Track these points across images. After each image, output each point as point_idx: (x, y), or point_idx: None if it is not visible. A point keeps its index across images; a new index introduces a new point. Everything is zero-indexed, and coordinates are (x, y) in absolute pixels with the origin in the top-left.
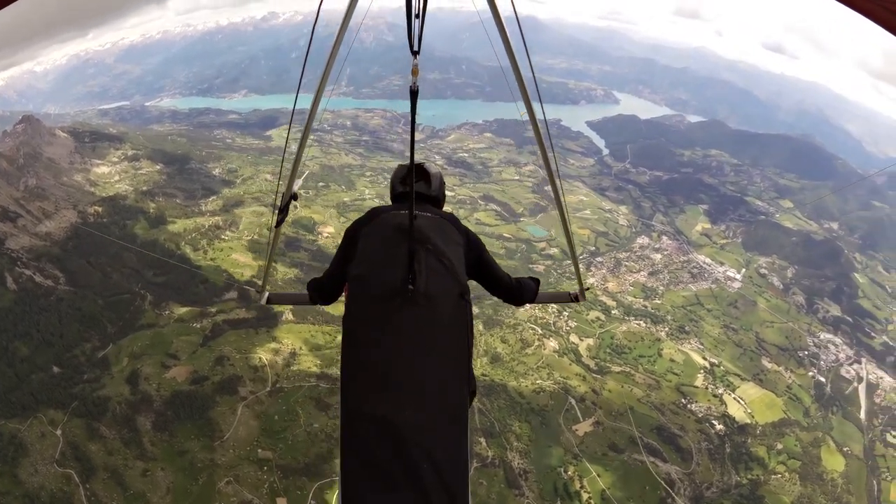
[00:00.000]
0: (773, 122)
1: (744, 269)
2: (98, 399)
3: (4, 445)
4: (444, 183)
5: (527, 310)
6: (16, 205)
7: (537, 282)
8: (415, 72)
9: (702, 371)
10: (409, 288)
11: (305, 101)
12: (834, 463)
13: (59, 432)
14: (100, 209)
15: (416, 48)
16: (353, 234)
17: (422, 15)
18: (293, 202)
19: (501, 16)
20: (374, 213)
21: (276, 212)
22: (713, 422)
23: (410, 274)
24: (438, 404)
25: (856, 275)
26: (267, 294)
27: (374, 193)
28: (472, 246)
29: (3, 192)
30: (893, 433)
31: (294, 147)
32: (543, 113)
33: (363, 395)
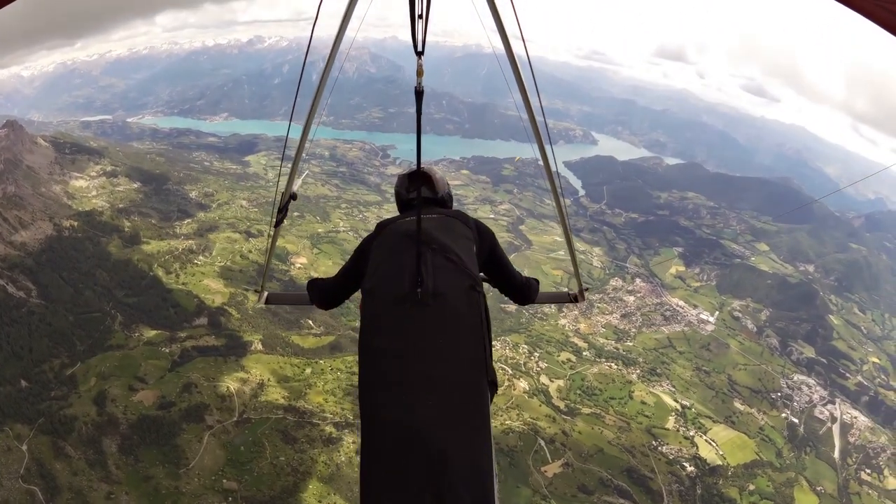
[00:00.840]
0: (751, 165)
1: (717, 312)
2: (65, 417)
3: None
4: (449, 184)
5: (497, 349)
6: None
7: (537, 282)
8: (420, 72)
9: (673, 413)
10: (417, 291)
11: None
12: (807, 502)
13: (24, 447)
14: (75, 223)
15: (420, 49)
16: (363, 250)
17: (425, 15)
18: (292, 201)
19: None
20: (382, 226)
21: (276, 211)
22: (684, 464)
23: (418, 277)
24: (456, 401)
25: (831, 317)
26: (266, 294)
27: (349, 226)
28: (484, 238)
29: None
30: (867, 471)
31: (293, 148)
32: (543, 115)
33: (379, 401)
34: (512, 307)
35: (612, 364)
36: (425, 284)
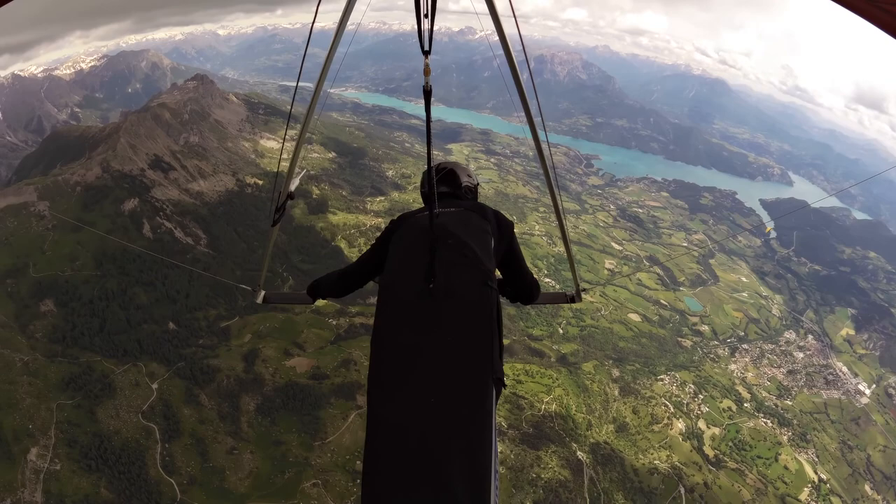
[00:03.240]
0: None
1: (874, 385)
2: (207, 367)
3: (93, 381)
4: (473, 177)
5: (665, 384)
6: (171, 157)
7: (539, 291)
8: (427, 71)
9: (809, 485)
10: (430, 287)
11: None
12: None
13: (154, 386)
14: (260, 182)
15: (426, 48)
16: (384, 240)
17: (430, 15)
18: (290, 201)
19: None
20: (402, 219)
21: (274, 211)
22: None
23: (431, 273)
24: (459, 399)
25: None
26: (263, 293)
27: (544, 230)
28: (504, 231)
29: (160, 143)
30: None
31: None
32: (543, 121)
33: (385, 398)
34: (688, 342)
35: (768, 421)
36: (438, 280)
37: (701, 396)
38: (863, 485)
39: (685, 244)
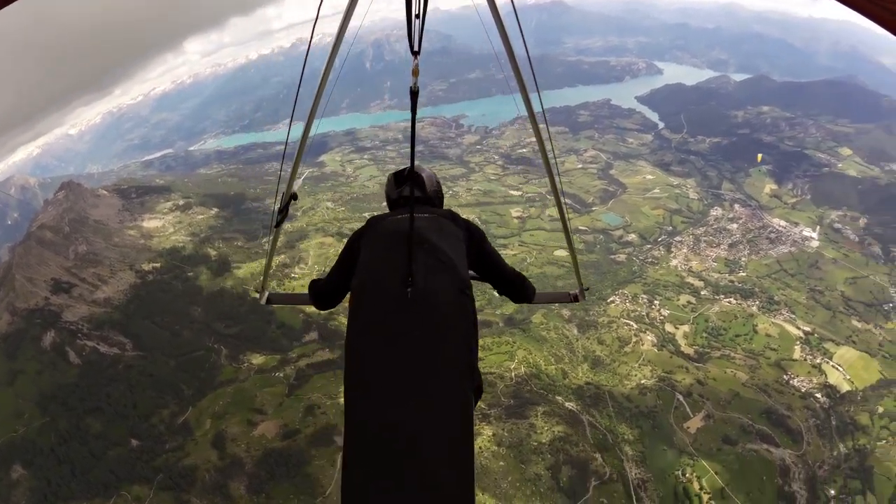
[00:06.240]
0: (813, 68)
1: (818, 227)
2: (184, 469)
3: None
4: (440, 183)
5: (617, 304)
6: (68, 274)
7: (533, 288)
8: (415, 72)
9: (798, 342)
10: (408, 290)
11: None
12: None
13: None
14: (158, 265)
15: (416, 48)
16: (352, 245)
17: (422, 15)
18: (292, 201)
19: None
20: (373, 222)
21: (276, 212)
22: (816, 395)
23: (409, 276)
24: (439, 405)
25: None
26: (267, 294)
27: (447, 204)
28: (474, 237)
29: (53, 264)
30: None
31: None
32: (542, 105)
33: (362, 402)
34: (622, 256)
35: (732, 299)
36: (416, 284)
37: (657, 302)
38: (849, 321)
39: (580, 165)
